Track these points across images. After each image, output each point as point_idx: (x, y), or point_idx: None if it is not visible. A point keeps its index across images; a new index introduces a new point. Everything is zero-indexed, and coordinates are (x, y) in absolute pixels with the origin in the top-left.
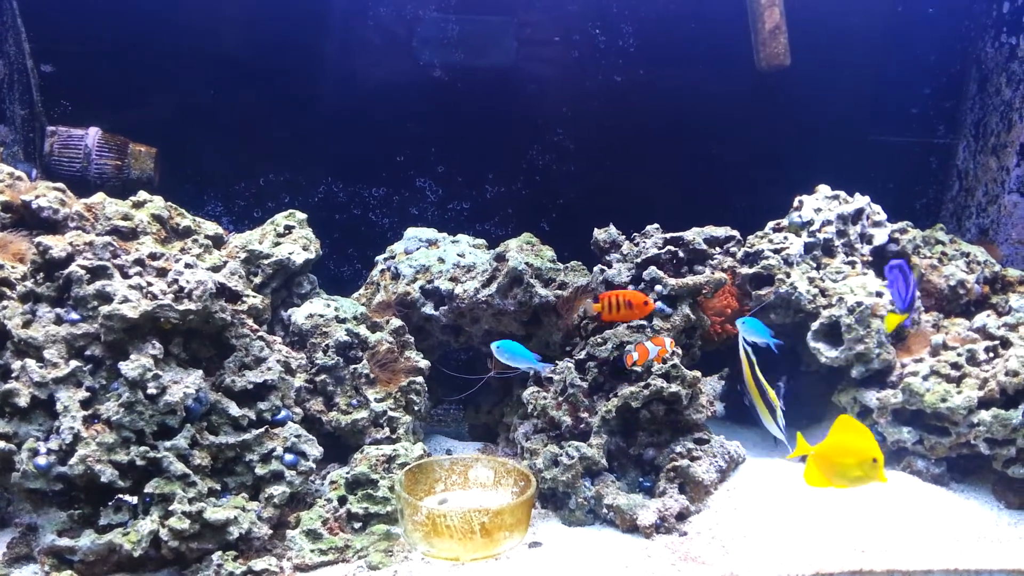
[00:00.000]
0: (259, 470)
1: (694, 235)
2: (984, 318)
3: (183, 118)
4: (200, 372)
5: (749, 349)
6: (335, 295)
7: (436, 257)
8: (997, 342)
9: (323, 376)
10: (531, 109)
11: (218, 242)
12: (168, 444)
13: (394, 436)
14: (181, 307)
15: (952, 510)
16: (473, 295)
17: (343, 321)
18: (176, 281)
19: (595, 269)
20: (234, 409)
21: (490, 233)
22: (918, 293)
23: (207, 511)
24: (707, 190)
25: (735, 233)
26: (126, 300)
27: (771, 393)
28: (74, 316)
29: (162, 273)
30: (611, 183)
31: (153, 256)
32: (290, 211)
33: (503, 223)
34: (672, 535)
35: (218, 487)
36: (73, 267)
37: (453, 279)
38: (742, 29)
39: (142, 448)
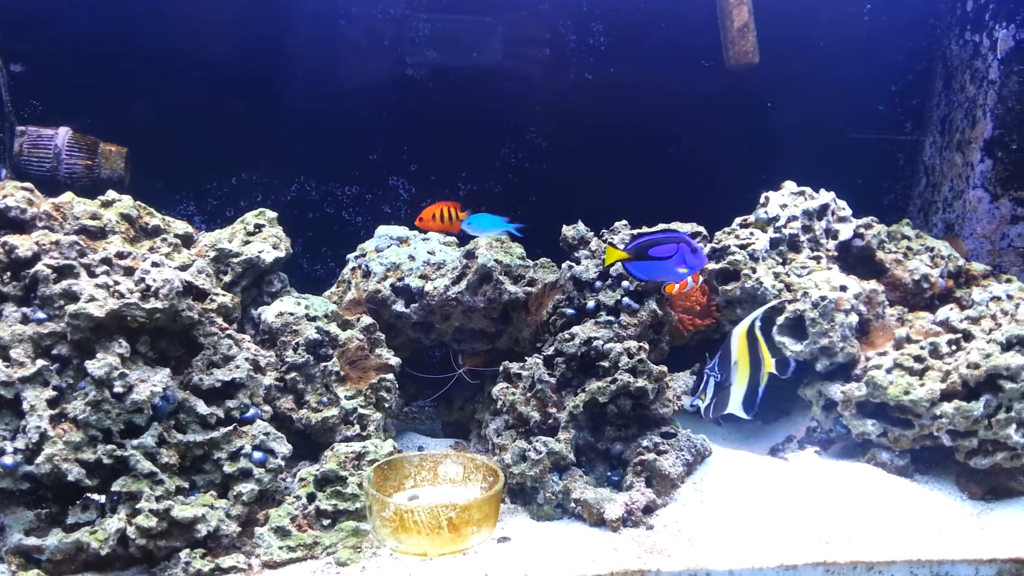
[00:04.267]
0: (228, 468)
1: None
2: (947, 311)
3: (155, 117)
4: (167, 370)
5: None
6: (309, 293)
7: (407, 255)
8: (960, 335)
9: (293, 374)
10: (503, 107)
11: (188, 241)
12: (135, 442)
13: (364, 433)
14: (148, 306)
15: (916, 501)
16: (443, 292)
17: (313, 319)
18: (143, 280)
19: (563, 266)
20: (202, 407)
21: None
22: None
23: (175, 509)
24: (679, 187)
25: (701, 229)
26: (92, 299)
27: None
28: (40, 315)
29: (129, 272)
30: (584, 181)
31: (120, 255)
32: (260, 210)
33: None
34: (639, 528)
35: (186, 485)
36: (39, 266)
37: (423, 276)
38: (712, 27)
39: (109, 447)
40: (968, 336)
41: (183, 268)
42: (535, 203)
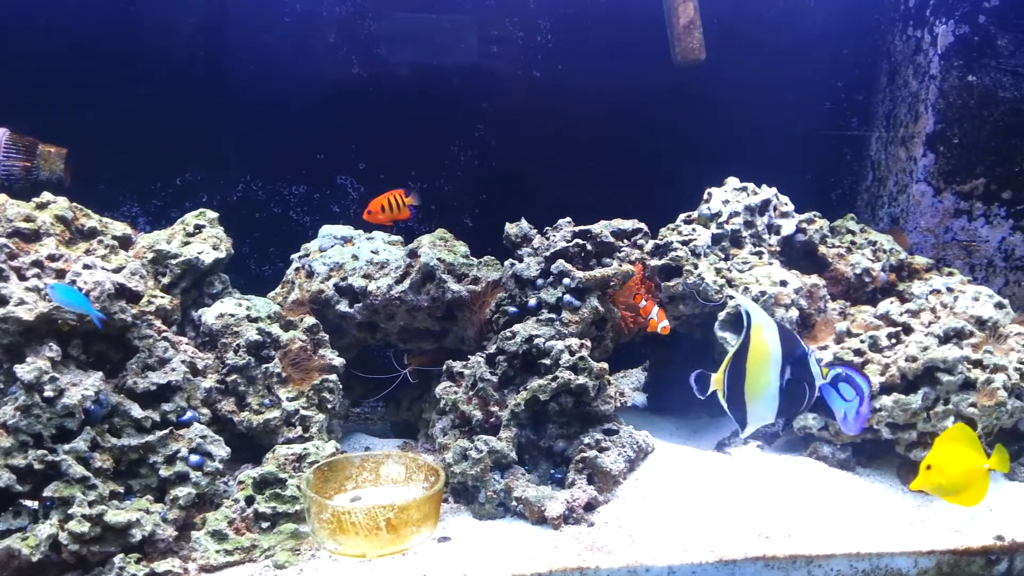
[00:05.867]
0: (164, 472)
1: (602, 228)
2: (887, 305)
3: (96, 118)
4: (100, 374)
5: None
6: (258, 294)
7: (350, 254)
8: (899, 328)
9: (234, 376)
10: (452, 105)
11: (125, 243)
12: (67, 447)
13: (307, 435)
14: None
15: (857, 494)
16: (386, 291)
17: (255, 320)
18: (74, 282)
19: (506, 264)
20: (136, 411)
21: (413, 229)
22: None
23: (108, 514)
24: (629, 183)
25: (642, 226)
26: (22, 302)
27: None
28: None
29: (61, 274)
30: (534, 178)
31: (52, 257)
32: (200, 210)
33: (427, 220)
34: (580, 525)
35: (121, 490)
36: None
37: (367, 276)
38: (659, 24)
39: (40, 452)
40: (908, 329)
41: (118, 270)
42: (485, 201)
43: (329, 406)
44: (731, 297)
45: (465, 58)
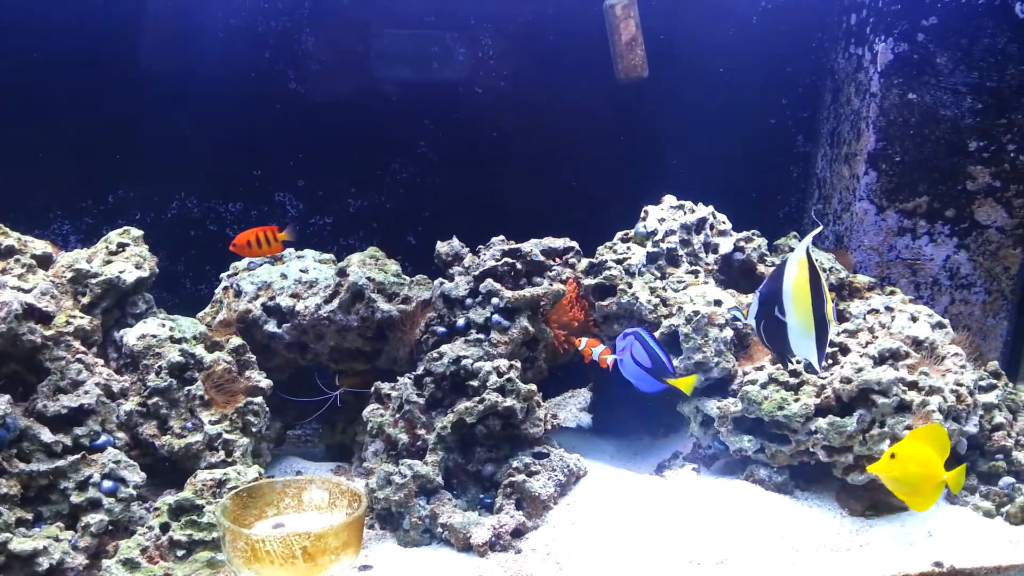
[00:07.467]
0: (75, 498)
1: (531, 246)
2: None
3: (25, 134)
4: (7, 397)
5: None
6: (194, 314)
7: (279, 273)
8: (836, 349)
9: (156, 399)
10: (393, 122)
11: (46, 262)
12: None
13: (230, 459)
14: None
15: (794, 519)
16: (315, 311)
17: (178, 341)
18: None
19: (435, 283)
20: (46, 435)
21: (355, 248)
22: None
23: (12, 542)
24: (572, 201)
25: (573, 244)
26: None
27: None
28: None
29: None
30: (478, 195)
31: None
32: (124, 228)
33: (368, 237)
34: (507, 553)
35: (30, 517)
36: None
37: (295, 295)
38: (602, 41)
39: None
40: (845, 350)
41: (29, 290)
42: (427, 218)
43: (254, 429)
44: (665, 317)
45: (406, 74)
